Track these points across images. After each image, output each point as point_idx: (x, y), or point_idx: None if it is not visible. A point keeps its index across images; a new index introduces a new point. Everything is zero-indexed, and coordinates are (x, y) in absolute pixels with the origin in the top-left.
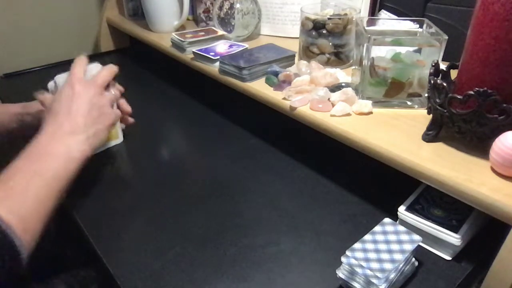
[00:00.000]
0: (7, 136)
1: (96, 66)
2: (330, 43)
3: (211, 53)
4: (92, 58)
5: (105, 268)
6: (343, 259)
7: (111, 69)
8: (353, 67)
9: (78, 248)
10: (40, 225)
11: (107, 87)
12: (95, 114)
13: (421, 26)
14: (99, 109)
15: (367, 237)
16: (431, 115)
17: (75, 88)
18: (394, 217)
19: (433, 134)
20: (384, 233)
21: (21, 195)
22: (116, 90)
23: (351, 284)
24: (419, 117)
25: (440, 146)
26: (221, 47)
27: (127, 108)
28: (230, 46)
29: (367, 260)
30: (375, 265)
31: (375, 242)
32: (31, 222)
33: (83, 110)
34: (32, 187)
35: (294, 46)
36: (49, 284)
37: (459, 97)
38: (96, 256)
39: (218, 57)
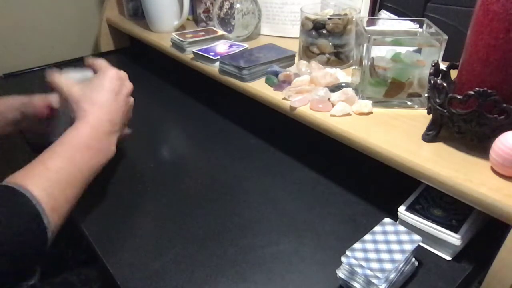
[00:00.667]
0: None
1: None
2: (330, 43)
3: (211, 53)
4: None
5: (105, 268)
6: (343, 259)
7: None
8: (353, 67)
9: (79, 247)
10: (67, 209)
11: None
12: (125, 111)
13: (421, 26)
14: (128, 105)
15: (367, 237)
16: (431, 115)
17: (116, 83)
18: (394, 217)
19: (433, 134)
20: (384, 233)
21: (55, 176)
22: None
23: (351, 284)
24: (419, 117)
25: (440, 146)
26: (221, 47)
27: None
28: (230, 46)
29: (367, 260)
30: (375, 265)
31: (375, 242)
32: (60, 203)
33: (122, 109)
34: (66, 172)
35: (294, 46)
36: (51, 283)
37: (459, 97)
38: (96, 256)
39: (218, 57)
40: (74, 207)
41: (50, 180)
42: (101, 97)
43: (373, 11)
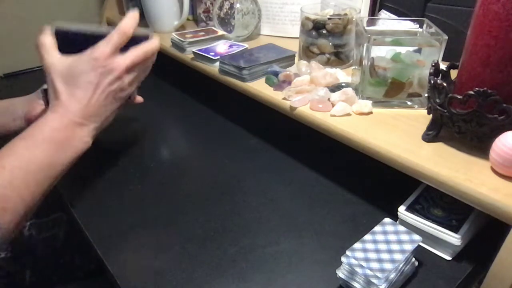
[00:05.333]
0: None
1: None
2: (330, 43)
3: (211, 53)
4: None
5: (105, 268)
6: (343, 259)
7: (146, 49)
8: (353, 67)
9: (86, 256)
10: (24, 208)
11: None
12: (110, 102)
13: (421, 26)
14: (115, 98)
15: (367, 237)
16: (431, 115)
17: (99, 70)
18: (394, 217)
19: (433, 134)
20: (384, 233)
21: (9, 176)
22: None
23: (351, 284)
24: (419, 117)
25: (440, 146)
26: (221, 47)
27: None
28: (230, 46)
29: (367, 260)
30: (375, 265)
31: (375, 242)
32: (14, 203)
33: (100, 99)
34: (22, 172)
35: (294, 46)
36: None
37: (459, 97)
38: (97, 256)
39: (218, 57)
40: (36, 205)
41: (2, 180)
42: (77, 84)
43: (373, 11)
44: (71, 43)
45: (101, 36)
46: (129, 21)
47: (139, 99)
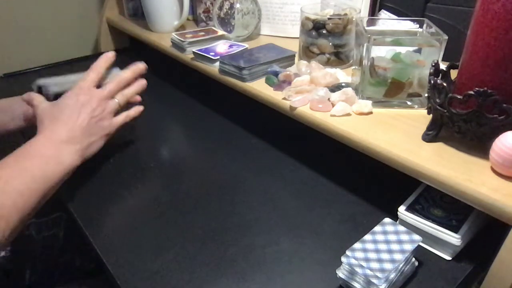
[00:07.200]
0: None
1: (115, 72)
2: (330, 43)
3: (211, 53)
4: (92, 58)
5: (105, 268)
6: (343, 259)
7: (121, 79)
8: (353, 67)
9: (86, 256)
10: (18, 217)
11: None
12: (93, 126)
13: (421, 26)
14: (98, 121)
15: (367, 237)
16: (431, 115)
17: (80, 99)
18: (394, 217)
19: (433, 134)
20: (384, 233)
21: (4, 185)
22: (122, 96)
23: (351, 284)
24: (419, 117)
25: (440, 146)
26: (221, 47)
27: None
28: (230, 46)
29: (367, 260)
30: (375, 265)
31: (375, 242)
32: (9, 211)
33: (83, 123)
34: (17, 182)
35: (294, 46)
36: None
37: (459, 97)
38: (96, 256)
39: (218, 57)
40: (31, 215)
41: None
42: (62, 113)
43: (373, 11)
44: (53, 93)
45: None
46: (101, 61)
47: (137, 110)
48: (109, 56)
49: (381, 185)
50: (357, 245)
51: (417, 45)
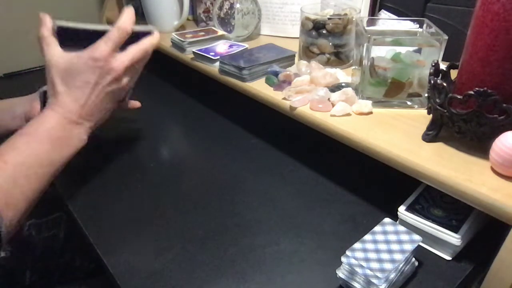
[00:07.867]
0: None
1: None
2: (330, 43)
3: (211, 53)
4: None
5: (105, 268)
6: (343, 259)
7: (145, 46)
8: (353, 67)
9: (86, 256)
10: (25, 204)
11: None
12: (106, 103)
13: (421, 26)
14: (112, 98)
15: (367, 237)
16: (431, 115)
17: (96, 72)
18: (394, 217)
19: (433, 134)
20: (384, 233)
21: (12, 171)
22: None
23: (351, 284)
24: (419, 117)
25: (440, 146)
26: (221, 47)
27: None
28: (230, 46)
29: (367, 260)
30: (375, 265)
31: (375, 242)
32: (16, 198)
33: (97, 101)
34: (25, 167)
35: (294, 46)
36: None
37: (459, 97)
38: (97, 256)
39: (218, 57)
40: (35, 201)
41: (6, 175)
42: (77, 84)
43: (373, 11)
44: (72, 39)
45: (101, 33)
46: (127, 17)
47: (135, 104)
48: (132, 12)
49: (381, 185)
50: (357, 245)
51: (417, 45)
